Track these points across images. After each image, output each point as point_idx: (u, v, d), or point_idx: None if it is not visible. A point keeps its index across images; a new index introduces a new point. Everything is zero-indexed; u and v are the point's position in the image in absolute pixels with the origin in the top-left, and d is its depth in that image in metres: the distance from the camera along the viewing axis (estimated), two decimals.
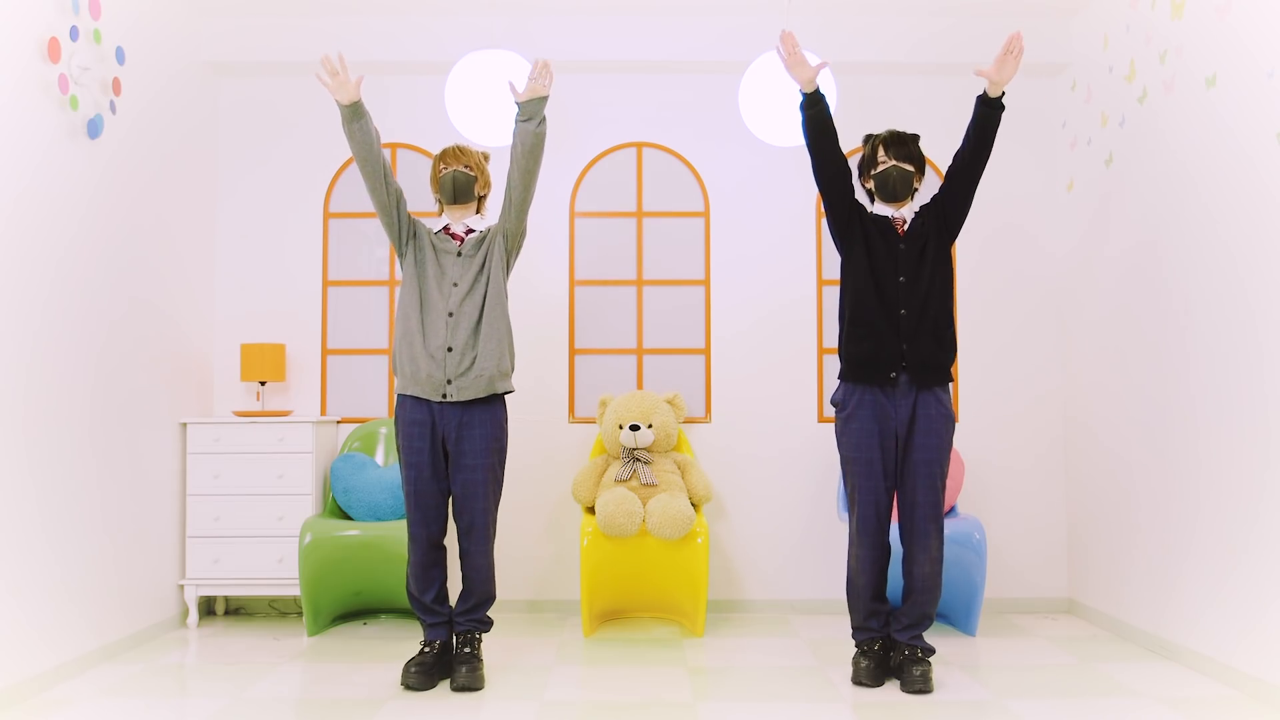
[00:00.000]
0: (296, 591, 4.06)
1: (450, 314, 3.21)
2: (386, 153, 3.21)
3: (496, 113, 3.86)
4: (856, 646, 3.27)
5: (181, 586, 4.11)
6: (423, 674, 3.17)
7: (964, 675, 3.31)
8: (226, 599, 4.41)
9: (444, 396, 3.19)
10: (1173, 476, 3.50)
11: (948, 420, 3.19)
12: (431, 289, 3.25)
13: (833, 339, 4.47)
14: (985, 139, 3.19)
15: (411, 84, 4.51)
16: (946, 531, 3.79)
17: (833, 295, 4.49)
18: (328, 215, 4.52)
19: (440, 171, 3.33)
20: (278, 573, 4.06)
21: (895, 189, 3.23)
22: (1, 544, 2.97)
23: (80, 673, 3.34)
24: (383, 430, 4.36)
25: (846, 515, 3.25)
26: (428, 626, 3.26)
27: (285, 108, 4.53)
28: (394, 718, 2.88)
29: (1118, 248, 3.93)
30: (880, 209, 3.30)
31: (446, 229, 3.34)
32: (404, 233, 3.31)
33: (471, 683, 3.15)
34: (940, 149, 4.51)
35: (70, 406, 3.33)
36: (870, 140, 3.33)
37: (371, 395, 4.48)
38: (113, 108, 3.60)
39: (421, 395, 3.21)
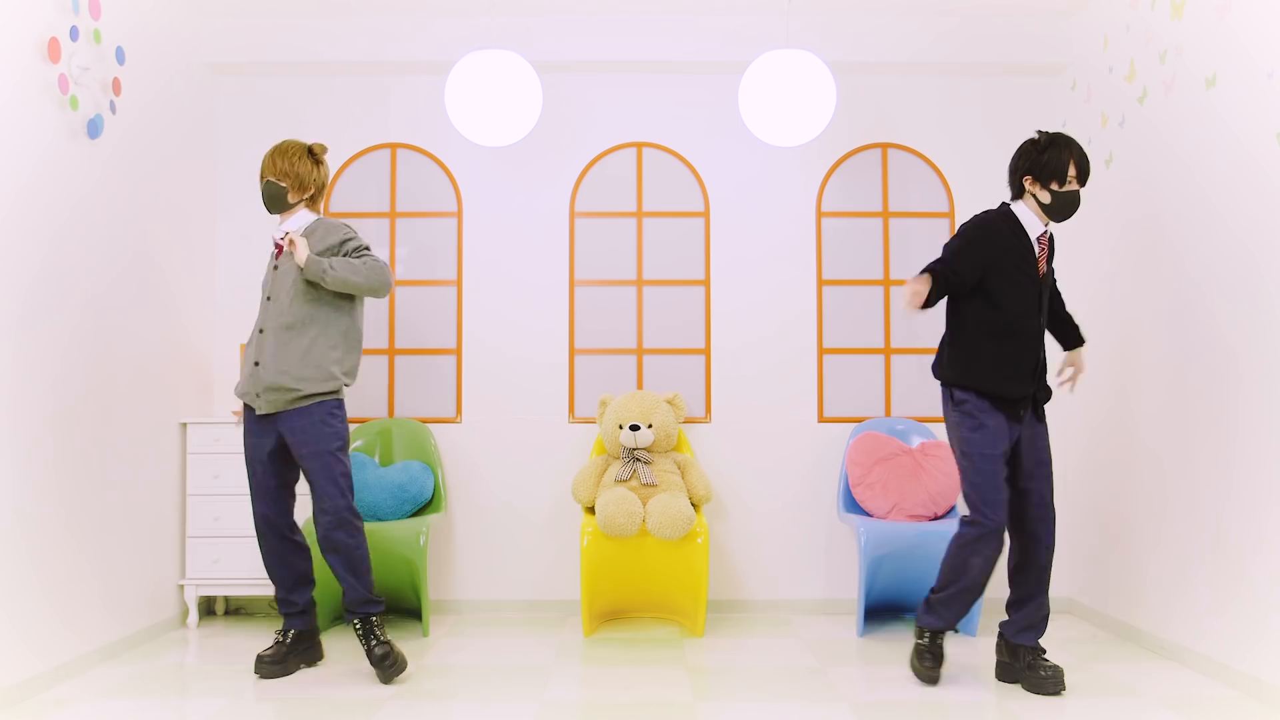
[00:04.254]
0: None
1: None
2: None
3: (496, 113, 3.86)
4: (937, 638, 3.23)
5: (181, 586, 4.11)
6: (274, 664, 3.32)
7: (964, 675, 3.31)
8: (226, 599, 4.41)
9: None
10: (1173, 477, 3.50)
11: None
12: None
13: (833, 339, 4.47)
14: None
15: (411, 84, 4.51)
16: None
17: (833, 295, 4.49)
18: (327, 215, 4.52)
19: (263, 180, 3.37)
20: None
21: (1069, 214, 3.12)
22: (1, 544, 2.97)
23: (80, 673, 3.33)
24: (382, 430, 4.36)
25: (969, 512, 3.13)
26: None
27: (285, 107, 4.52)
28: (394, 718, 2.88)
29: (1117, 248, 3.93)
30: (1026, 216, 3.14)
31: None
32: None
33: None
34: (941, 149, 4.52)
35: (70, 406, 3.33)
36: (1060, 145, 3.09)
37: (371, 395, 4.48)
38: (113, 108, 3.60)
39: None
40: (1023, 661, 3.14)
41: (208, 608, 4.35)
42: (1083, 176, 3.09)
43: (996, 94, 4.51)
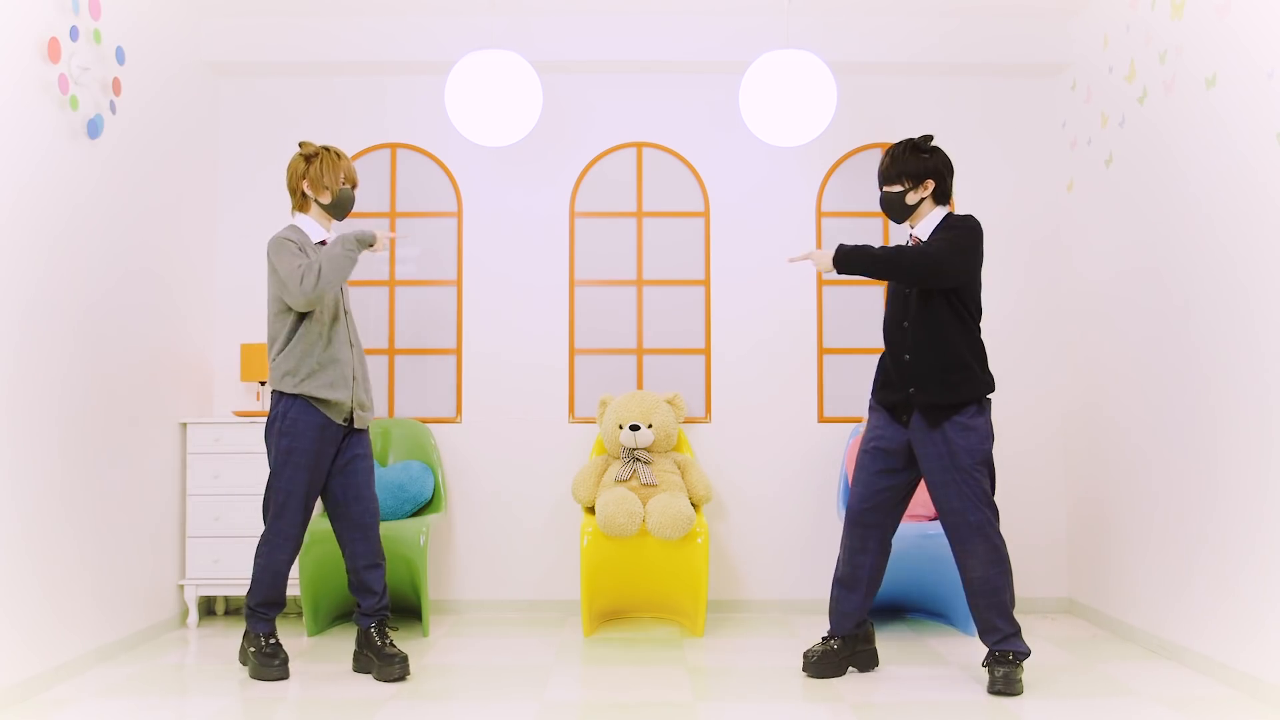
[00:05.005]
0: (296, 591, 4.06)
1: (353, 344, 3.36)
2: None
3: (496, 113, 3.86)
4: (830, 640, 3.34)
5: (181, 586, 4.12)
6: (285, 665, 3.30)
7: (964, 675, 3.31)
8: (226, 599, 4.41)
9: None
10: (1173, 476, 3.50)
11: (964, 430, 3.11)
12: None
13: (832, 339, 4.48)
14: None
15: (411, 84, 4.51)
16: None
17: (833, 295, 4.49)
18: None
19: (342, 184, 3.34)
20: None
21: (889, 214, 3.35)
22: (1, 544, 2.97)
23: (80, 673, 3.34)
24: (382, 430, 4.36)
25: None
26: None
27: (285, 107, 4.53)
28: (394, 718, 2.88)
29: (1117, 247, 3.93)
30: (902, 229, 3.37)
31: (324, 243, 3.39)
32: None
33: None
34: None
35: (70, 406, 3.33)
36: None
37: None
38: (113, 108, 3.60)
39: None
40: (985, 662, 3.16)
41: (208, 608, 4.35)
42: (880, 172, 3.33)
43: (996, 94, 4.52)
